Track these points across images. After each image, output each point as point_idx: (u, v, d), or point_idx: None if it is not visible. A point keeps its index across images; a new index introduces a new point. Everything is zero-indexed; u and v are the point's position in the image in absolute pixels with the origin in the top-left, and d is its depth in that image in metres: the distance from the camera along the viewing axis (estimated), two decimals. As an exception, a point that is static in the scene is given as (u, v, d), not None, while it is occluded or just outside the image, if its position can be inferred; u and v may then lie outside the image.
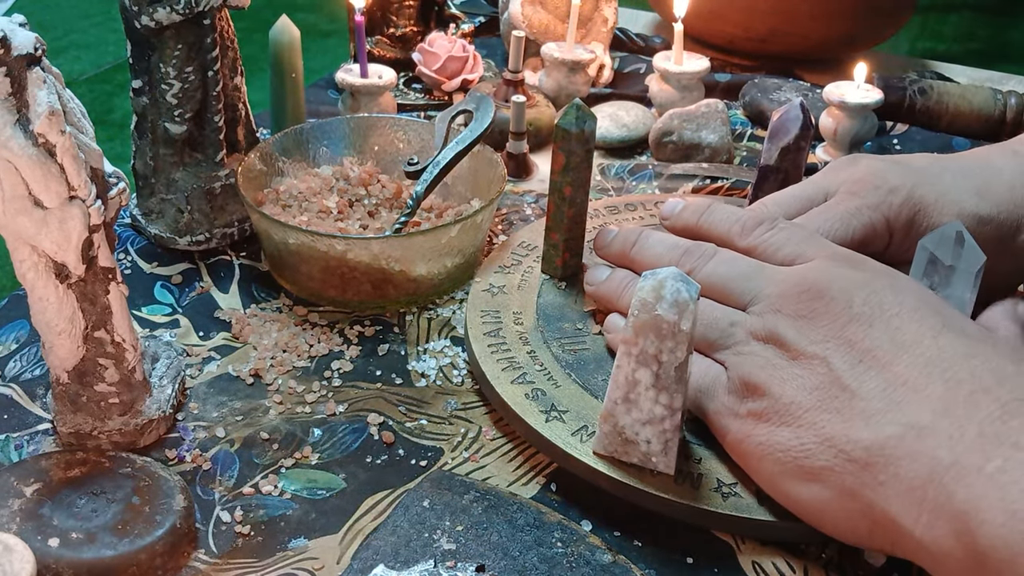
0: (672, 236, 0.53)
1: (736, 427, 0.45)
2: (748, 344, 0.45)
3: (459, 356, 0.56)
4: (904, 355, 0.41)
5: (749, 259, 0.49)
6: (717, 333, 0.47)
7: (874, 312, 0.43)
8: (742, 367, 0.45)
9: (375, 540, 0.43)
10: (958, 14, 2.76)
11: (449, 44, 0.85)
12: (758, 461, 0.44)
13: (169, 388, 0.51)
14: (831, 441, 0.41)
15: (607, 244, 0.55)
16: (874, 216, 0.52)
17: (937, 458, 0.38)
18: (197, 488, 0.47)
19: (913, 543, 0.39)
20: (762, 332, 0.45)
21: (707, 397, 0.47)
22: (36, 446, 0.49)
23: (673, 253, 0.51)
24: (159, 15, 0.58)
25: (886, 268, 0.46)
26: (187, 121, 0.62)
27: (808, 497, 0.42)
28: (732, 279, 0.48)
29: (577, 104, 0.55)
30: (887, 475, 0.39)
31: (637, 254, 0.53)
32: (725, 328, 0.47)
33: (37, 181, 0.41)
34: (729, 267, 0.48)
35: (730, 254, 0.49)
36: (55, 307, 0.45)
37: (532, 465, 0.49)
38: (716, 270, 0.49)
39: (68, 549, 0.41)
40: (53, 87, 0.41)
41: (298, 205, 0.63)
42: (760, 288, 0.46)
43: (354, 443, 0.50)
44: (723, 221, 0.52)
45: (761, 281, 0.47)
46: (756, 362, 0.45)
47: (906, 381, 0.40)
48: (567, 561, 0.43)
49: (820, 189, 0.55)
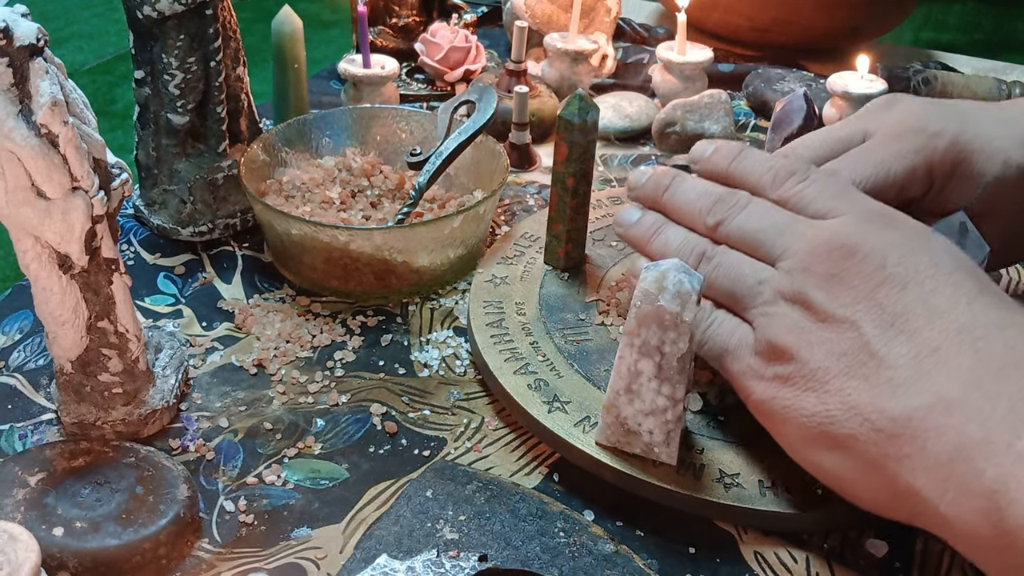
0: (705, 182, 0.50)
1: (761, 389, 0.44)
2: (775, 304, 0.44)
3: (462, 347, 0.57)
4: (937, 320, 0.39)
5: (782, 211, 0.46)
6: (744, 290, 0.45)
7: (908, 273, 0.41)
8: (769, 329, 0.43)
9: (378, 530, 0.43)
10: (962, 4, 2.75)
11: (452, 34, 0.85)
12: (782, 424, 0.43)
13: (172, 378, 0.51)
14: (857, 409, 0.40)
15: (640, 186, 0.52)
16: (916, 160, 0.49)
17: (966, 433, 0.36)
18: (201, 478, 0.47)
19: (937, 517, 0.38)
20: (790, 292, 0.43)
21: (732, 357, 0.45)
22: (40, 436, 0.49)
23: (705, 201, 0.49)
24: (161, 5, 0.57)
25: (921, 227, 0.44)
26: (189, 112, 0.62)
27: (831, 464, 0.41)
28: (763, 232, 0.46)
29: (580, 95, 0.55)
30: (913, 448, 0.38)
31: (669, 199, 0.51)
32: (753, 286, 0.45)
33: (40, 172, 0.41)
34: (760, 219, 0.46)
35: (763, 205, 0.47)
36: (58, 297, 0.45)
37: (535, 455, 0.49)
38: (747, 222, 0.47)
39: (72, 538, 0.41)
40: (55, 77, 0.41)
41: (301, 196, 0.63)
42: (790, 244, 0.44)
43: (357, 433, 0.50)
44: (754, 169, 0.49)
45: (792, 236, 0.44)
46: (783, 324, 0.43)
47: (936, 349, 0.39)
48: (569, 551, 0.43)
49: (858, 130, 0.52)
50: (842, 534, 0.45)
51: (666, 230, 0.50)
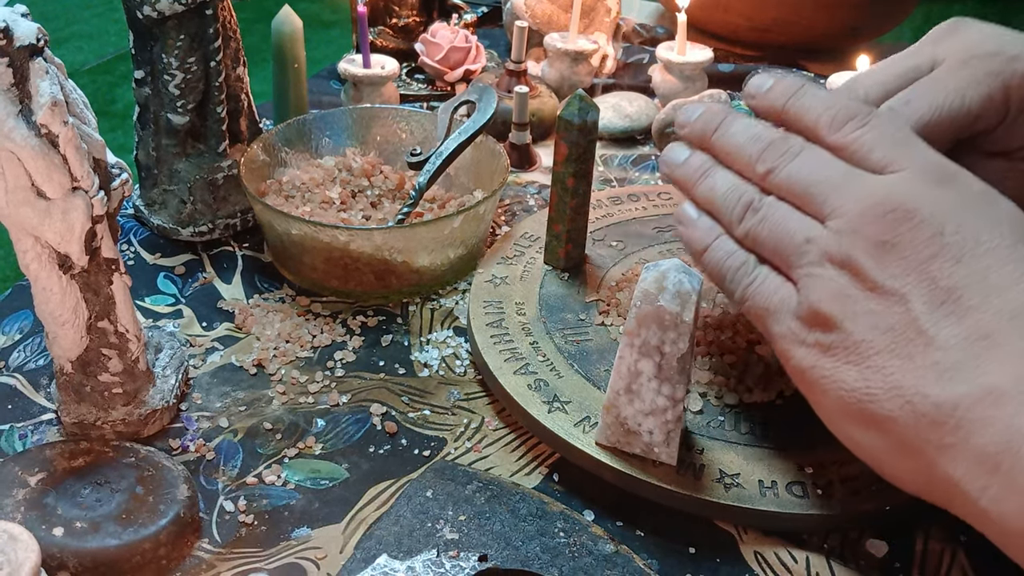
0: (758, 124, 0.47)
1: (800, 355, 0.41)
2: (822, 266, 0.41)
3: (462, 347, 0.57)
4: (992, 300, 0.37)
5: (837, 163, 0.43)
6: (791, 248, 0.42)
7: (965, 244, 0.38)
8: (813, 292, 0.41)
9: (378, 530, 0.43)
10: (962, 4, 2.75)
11: (452, 34, 0.85)
12: (820, 394, 0.41)
13: (172, 378, 0.51)
14: (899, 391, 0.38)
15: (689, 122, 0.49)
16: (993, 85, 0.46)
17: (1014, 427, 0.34)
18: (201, 478, 0.47)
19: (975, 510, 0.36)
20: (838, 255, 0.40)
21: (773, 319, 0.43)
22: (40, 436, 0.49)
23: (755, 146, 0.45)
24: (161, 5, 0.57)
25: (986, 189, 0.40)
26: (189, 112, 0.62)
27: (867, 442, 0.40)
28: (815, 185, 0.42)
29: (580, 95, 0.55)
30: (956, 438, 0.36)
31: (718, 140, 0.47)
32: (800, 244, 0.42)
33: (40, 172, 0.41)
34: (813, 170, 0.43)
35: (817, 154, 0.43)
36: (58, 297, 0.45)
37: (535, 455, 0.49)
38: (799, 172, 0.43)
39: (72, 538, 0.41)
40: (55, 78, 0.41)
41: (301, 196, 0.63)
42: (842, 202, 0.41)
43: (357, 433, 0.50)
44: (812, 109, 0.45)
45: (844, 193, 0.41)
46: (828, 289, 0.40)
47: (989, 333, 0.36)
48: (569, 551, 0.43)
49: (926, 58, 0.49)
50: (842, 534, 0.45)
51: (714, 174, 0.47)
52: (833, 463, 0.46)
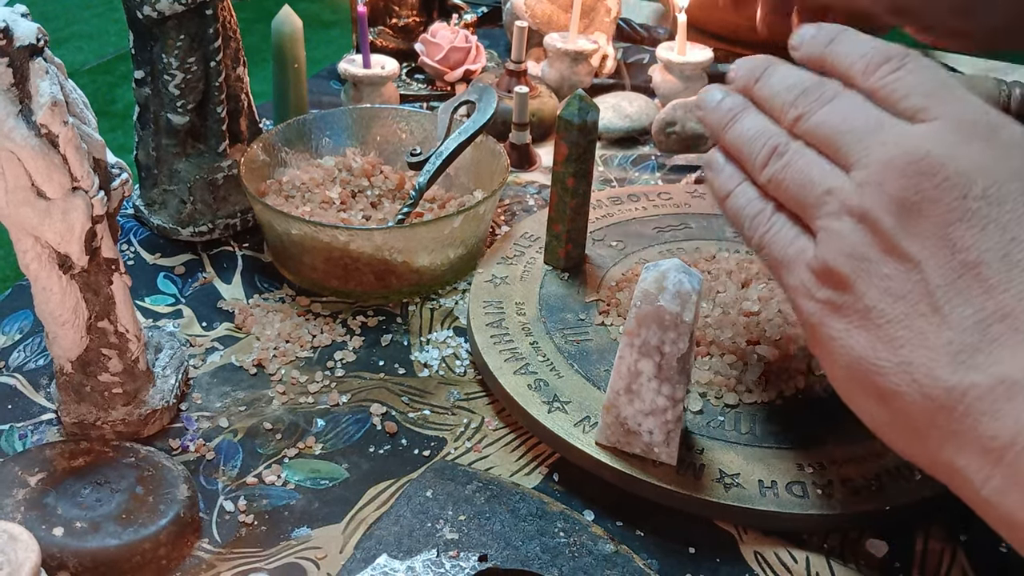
0: (801, 72, 0.45)
1: (810, 310, 0.40)
2: (840, 220, 0.39)
3: (462, 347, 0.57)
4: (1015, 278, 0.34)
5: (870, 109, 0.40)
6: (811, 198, 0.40)
7: (991, 210, 0.35)
8: (828, 246, 0.39)
9: (378, 529, 0.43)
10: None
11: (452, 34, 0.85)
12: (829, 356, 0.40)
13: (172, 378, 0.51)
14: (909, 368, 0.36)
15: (736, 69, 0.47)
16: None
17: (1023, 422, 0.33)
18: (201, 478, 0.47)
19: (977, 498, 0.35)
20: (858, 208, 0.38)
21: (787, 270, 0.41)
22: (40, 436, 0.49)
23: (789, 93, 0.43)
24: (161, 5, 0.57)
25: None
26: (189, 112, 0.62)
27: (873, 414, 0.39)
28: (843, 133, 0.40)
29: (580, 95, 0.55)
30: (962, 426, 0.34)
31: (759, 89, 0.45)
32: (820, 194, 0.40)
33: (40, 172, 0.41)
34: (843, 117, 0.41)
35: (851, 100, 0.41)
36: (58, 297, 0.45)
37: (534, 455, 0.49)
38: (828, 118, 0.41)
39: (72, 538, 0.41)
40: (55, 78, 0.41)
41: (301, 196, 0.63)
42: (868, 151, 0.39)
43: (357, 433, 0.50)
44: (848, 54, 0.43)
45: (871, 142, 0.39)
46: (844, 245, 0.38)
47: (1007, 315, 0.34)
48: (569, 551, 0.43)
49: None
50: (842, 534, 0.45)
51: (744, 117, 0.45)
52: (833, 463, 0.46)
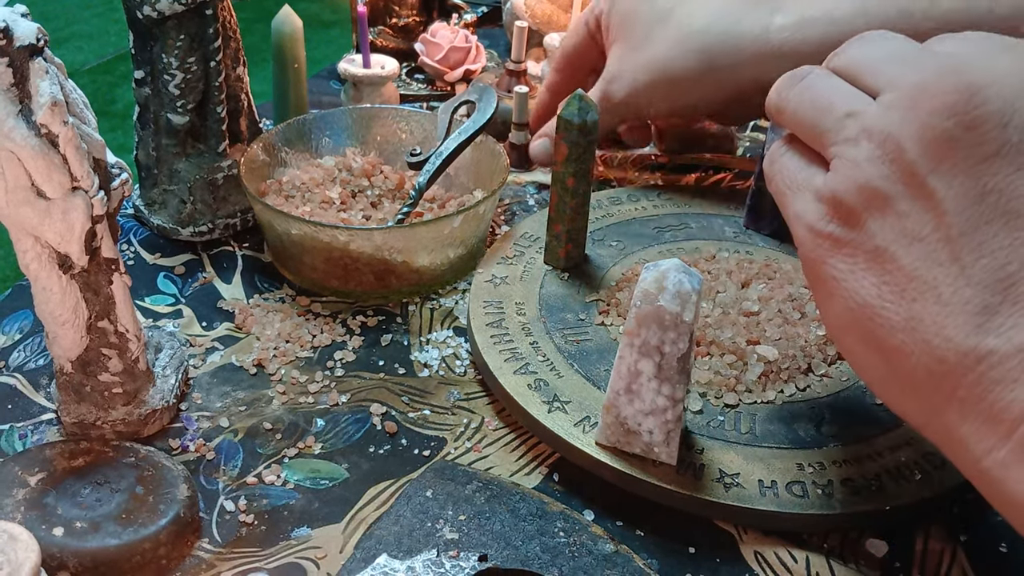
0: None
1: (811, 245, 0.36)
2: (857, 146, 0.35)
3: (462, 346, 0.57)
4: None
5: (914, 44, 0.37)
6: (829, 122, 0.36)
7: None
8: (839, 177, 0.35)
9: (378, 529, 0.43)
10: None
11: (452, 34, 0.85)
12: (827, 296, 0.36)
13: (172, 378, 0.51)
14: (917, 323, 0.32)
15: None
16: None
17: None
18: (201, 478, 0.47)
19: (974, 468, 0.33)
20: (880, 133, 0.34)
21: (793, 196, 0.38)
22: (40, 436, 0.49)
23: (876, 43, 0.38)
24: (161, 5, 0.57)
25: None
26: (189, 112, 0.62)
27: (868, 367, 0.36)
28: (879, 60, 0.36)
29: (580, 95, 0.55)
30: (970, 393, 0.32)
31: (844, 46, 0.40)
32: (839, 118, 0.36)
33: (40, 172, 0.41)
34: (882, 47, 0.37)
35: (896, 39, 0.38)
36: (58, 297, 0.45)
37: (535, 455, 0.49)
38: (867, 50, 0.37)
39: (72, 538, 0.41)
40: (55, 78, 0.41)
41: (301, 196, 0.63)
42: (903, 74, 0.34)
43: (357, 433, 0.50)
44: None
45: (907, 65, 0.35)
46: (858, 175, 0.34)
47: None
48: (569, 551, 0.43)
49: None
50: (842, 534, 0.45)
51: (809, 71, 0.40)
52: (833, 463, 0.46)
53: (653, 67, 0.63)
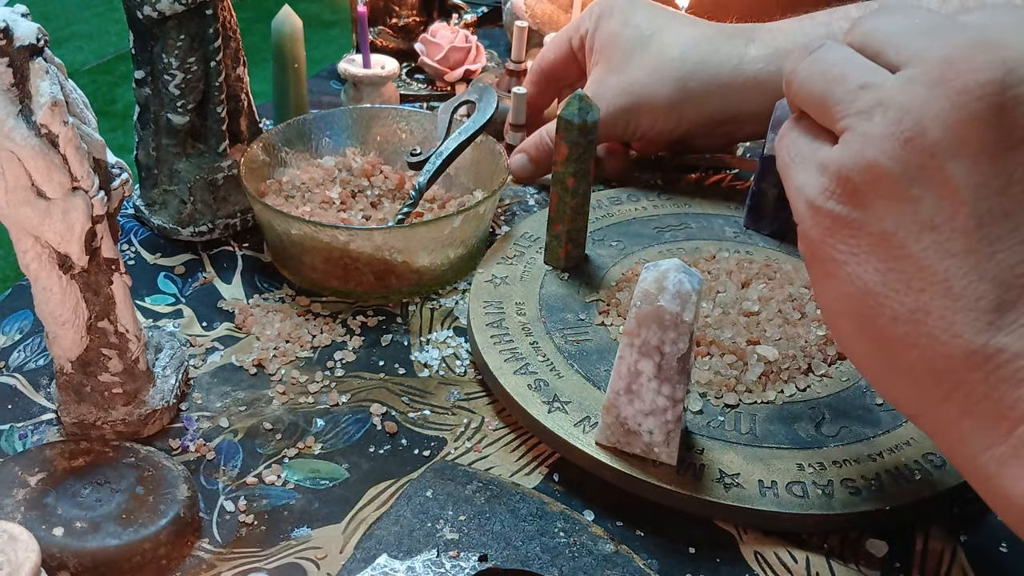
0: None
1: (811, 221, 0.34)
2: (871, 119, 0.32)
3: (462, 347, 0.57)
4: None
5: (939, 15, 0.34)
6: (841, 93, 0.34)
7: None
8: (848, 151, 0.32)
9: (378, 529, 0.43)
10: None
11: (452, 34, 0.85)
12: (824, 276, 0.34)
13: (172, 378, 0.51)
14: (923, 315, 0.31)
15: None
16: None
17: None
18: (201, 478, 0.47)
19: (970, 462, 0.31)
20: (898, 108, 0.31)
21: (797, 166, 0.35)
22: (40, 436, 0.49)
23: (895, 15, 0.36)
24: (161, 5, 0.57)
25: None
26: (190, 112, 0.62)
27: (864, 355, 0.34)
28: (901, 33, 0.33)
29: (580, 95, 0.55)
30: (976, 391, 0.30)
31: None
32: (851, 89, 0.33)
33: (40, 172, 0.41)
34: (904, 18, 0.34)
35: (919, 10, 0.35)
36: (58, 297, 0.45)
37: (535, 455, 0.49)
38: (888, 21, 0.35)
39: (72, 538, 0.41)
40: (55, 78, 0.41)
41: (301, 196, 0.63)
42: (927, 46, 0.32)
43: (357, 433, 0.50)
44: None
45: (933, 38, 0.32)
46: (868, 152, 0.32)
47: None
48: (569, 551, 0.43)
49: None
50: (842, 534, 0.45)
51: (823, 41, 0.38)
52: (833, 463, 0.46)
53: (630, 91, 0.65)
